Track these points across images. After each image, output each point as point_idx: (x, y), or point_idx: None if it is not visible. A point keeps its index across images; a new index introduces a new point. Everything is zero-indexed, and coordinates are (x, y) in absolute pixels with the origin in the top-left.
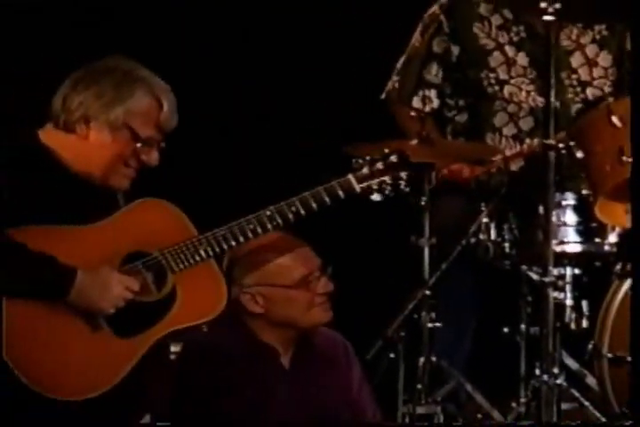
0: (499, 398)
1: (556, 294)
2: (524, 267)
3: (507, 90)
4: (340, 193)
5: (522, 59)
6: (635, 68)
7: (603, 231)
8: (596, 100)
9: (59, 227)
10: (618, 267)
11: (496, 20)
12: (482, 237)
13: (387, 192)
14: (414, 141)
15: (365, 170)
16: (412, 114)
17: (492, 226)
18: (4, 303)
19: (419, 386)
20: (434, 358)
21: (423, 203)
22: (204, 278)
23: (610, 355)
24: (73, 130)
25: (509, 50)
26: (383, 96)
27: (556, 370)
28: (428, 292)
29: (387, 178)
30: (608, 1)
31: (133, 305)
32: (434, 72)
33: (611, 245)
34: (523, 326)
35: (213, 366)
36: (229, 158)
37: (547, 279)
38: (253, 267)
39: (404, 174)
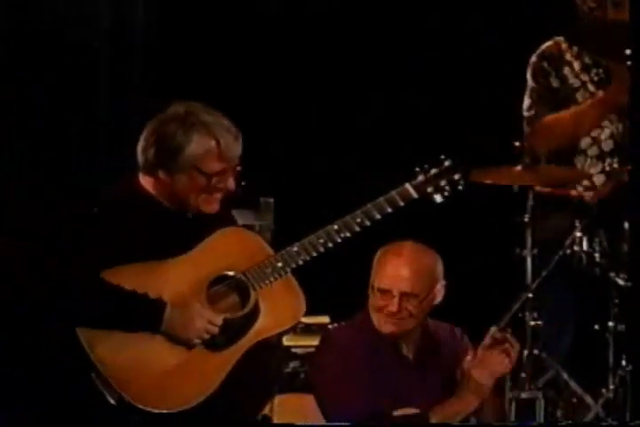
0: (591, 385)
1: None
2: (612, 274)
3: None
4: (400, 201)
5: (602, 94)
6: (635, 68)
7: None
8: None
9: (149, 263)
10: None
11: (578, 64)
12: (576, 248)
13: (446, 193)
14: (519, 167)
15: (421, 177)
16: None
17: (585, 239)
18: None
19: (523, 375)
20: (536, 351)
21: (526, 220)
22: (283, 291)
23: None
24: (156, 175)
25: (591, 87)
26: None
27: None
28: (530, 295)
29: (442, 181)
30: None
31: (222, 322)
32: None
33: None
34: (611, 324)
35: (339, 356)
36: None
37: (631, 284)
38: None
39: (457, 176)
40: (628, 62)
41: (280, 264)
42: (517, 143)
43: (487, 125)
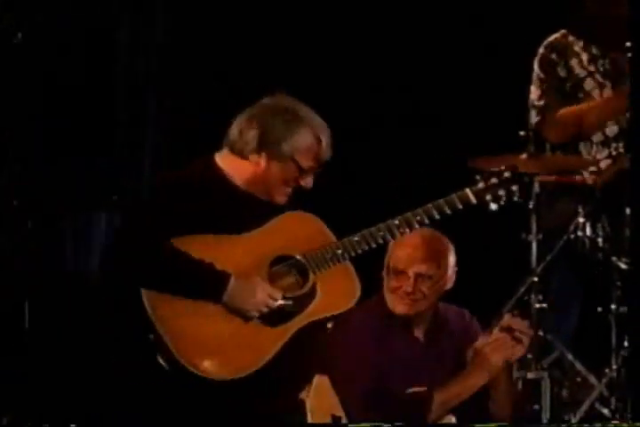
0: (595, 365)
1: None
2: (615, 258)
3: None
4: (459, 204)
5: (609, 84)
6: (634, 68)
7: None
8: None
9: (217, 235)
10: None
11: (585, 55)
12: (580, 233)
13: (502, 202)
14: (524, 156)
15: (481, 184)
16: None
17: (588, 224)
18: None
19: (529, 355)
20: (541, 333)
21: (530, 206)
22: (339, 277)
23: None
24: (246, 157)
25: (598, 77)
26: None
27: None
28: (535, 278)
29: (500, 191)
30: None
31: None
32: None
33: None
34: (614, 306)
35: (352, 336)
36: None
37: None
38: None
39: (515, 187)
40: (629, 54)
41: (340, 251)
42: (522, 132)
43: (493, 115)
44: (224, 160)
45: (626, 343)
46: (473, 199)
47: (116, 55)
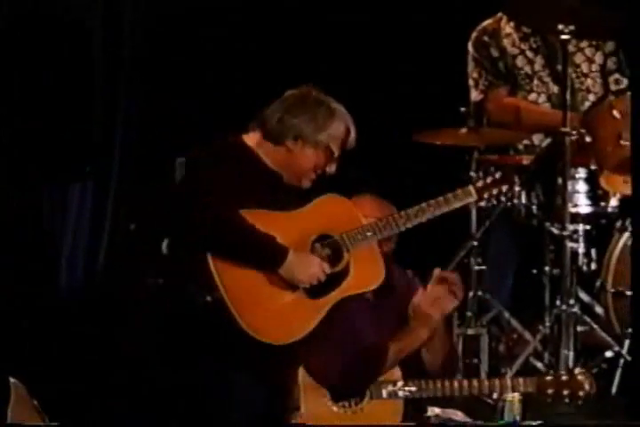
0: (530, 322)
1: (571, 244)
2: (548, 224)
3: (529, 82)
4: (463, 200)
5: (539, 59)
6: (633, 70)
7: (606, 197)
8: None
9: (267, 211)
10: (618, 223)
11: (517, 34)
12: (516, 201)
13: (493, 201)
14: (464, 130)
15: (481, 183)
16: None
17: (524, 193)
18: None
19: (469, 313)
20: (480, 293)
21: (471, 175)
22: (368, 257)
23: (613, 290)
24: (282, 143)
25: (529, 53)
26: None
27: (572, 301)
28: (475, 243)
29: (495, 190)
30: (606, 25)
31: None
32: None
33: (612, 207)
34: (547, 269)
35: None
36: None
37: (564, 233)
38: None
39: (505, 188)
40: (563, 36)
41: (369, 234)
42: (463, 109)
43: (435, 93)
44: (257, 144)
45: (558, 302)
46: (474, 195)
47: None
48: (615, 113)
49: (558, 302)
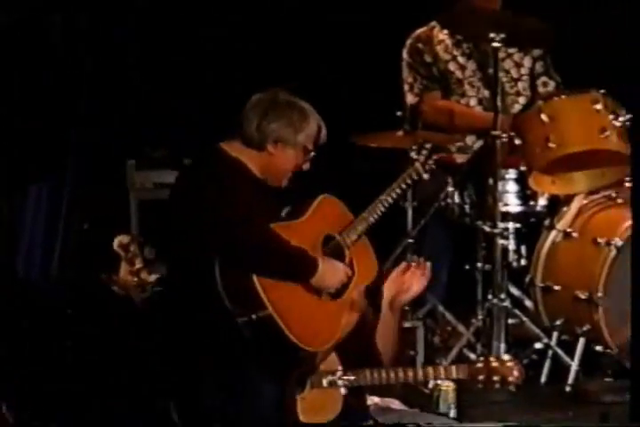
0: (463, 315)
1: (502, 241)
2: (480, 222)
3: (461, 87)
4: (415, 176)
5: (471, 65)
6: (633, 71)
7: (535, 196)
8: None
9: (283, 223)
10: (546, 222)
11: (450, 41)
12: (449, 201)
13: (430, 172)
14: (400, 132)
15: (421, 157)
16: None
17: (457, 193)
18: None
19: (406, 307)
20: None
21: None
22: (363, 251)
23: (541, 284)
24: (263, 148)
25: (461, 59)
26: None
27: (503, 296)
28: (410, 240)
29: (431, 162)
30: (533, 34)
31: None
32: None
33: (541, 206)
34: (479, 264)
35: None
36: None
37: (496, 231)
38: None
39: (436, 157)
40: (494, 44)
41: (360, 228)
42: (399, 112)
43: (372, 97)
44: (239, 153)
45: (490, 297)
46: (422, 170)
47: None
48: (543, 117)
49: (490, 297)
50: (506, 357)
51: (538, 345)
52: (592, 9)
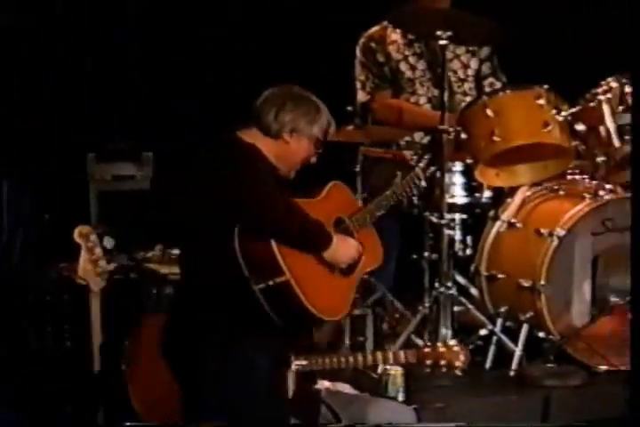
0: (411, 303)
1: (448, 231)
2: (427, 213)
3: (412, 85)
4: (417, 181)
5: (422, 64)
6: (634, 72)
7: (481, 188)
8: (472, 93)
9: (301, 200)
10: (491, 213)
11: (402, 41)
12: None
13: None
14: (351, 127)
15: (422, 164)
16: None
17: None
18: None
19: (356, 295)
20: (365, 276)
21: (357, 169)
22: (370, 236)
23: (486, 273)
24: (280, 137)
25: (411, 59)
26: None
27: (449, 284)
28: None
29: (430, 171)
30: (480, 31)
31: None
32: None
33: (486, 197)
34: (426, 254)
35: None
36: None
37: (442, 221)
38: None
39: (434, 168)
40: (441, 42)
41: (369, 216)
42: (350, 108)
43: (325, 93)
44: (255, 140)
45: (436, 285)
46: (422, 177)
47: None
48: (488, 112)
49: (437, 285)
50: (452, 342)
51: (483, 332)
52: (540, 7)
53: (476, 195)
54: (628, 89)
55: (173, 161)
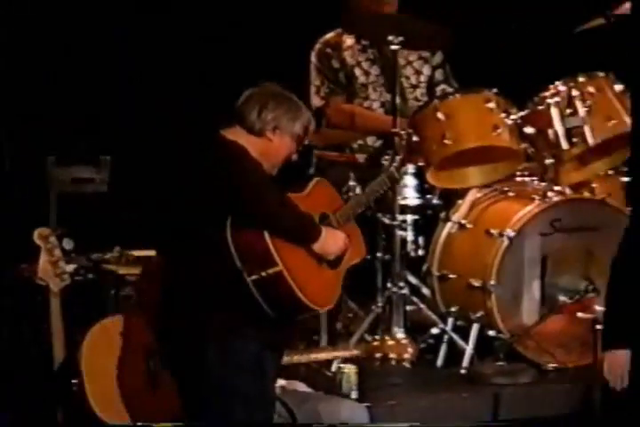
0: (364, 303)
1: (401, 232)
2: (380, 214)
3: (365, 91)
4: (397, 176)
5: (375, 70)
6: (634, 71)
7: (432, 190)
8: (424, 99)
9: (290, 194)
10: (442, 214)
11: (356, 47)
12: (351, 194)
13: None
14: None
15: (395, 163)
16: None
17: (358, 187)
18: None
19: None
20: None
21: (311, 172)
22: (353, 232)
23: (438, 273)
24: (263, 134)
25: (365, 65)
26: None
27: (402, 284)
28: None
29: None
30: (432, 36)
31: None
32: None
33: (438, 199)
34: (379, 254)
35: None
36: None
37: (395, 222)
38: None
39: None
40: (393, 47)
41: (350, 212)
42: None
43: None
44: (238, 138)
45: (389, 285)
46: (397, 175)
47: None
48: (439, 115)
49: (389, 285)
50: (400, 335)
51: (434, 330)
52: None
53: (428, 196)
54: (575, 92)
55: (141, 163)
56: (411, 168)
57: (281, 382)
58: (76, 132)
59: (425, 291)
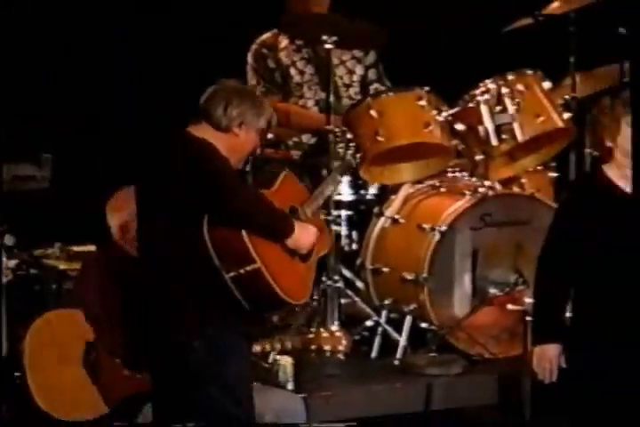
0: None
1: (335, 227)
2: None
3: (300, 89)
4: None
5: (310, 69)
6: (634, 71)
7: (366, 186)
8: (357, 97)
9: (264, 190)
10: (376, 209)
11: (291, 47)
12: None
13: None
14: None
15: (351, 151)
16: None
17: None
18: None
19: None
20: None
21: (247, 169)
22: (319, 224)
23: (371, 267)
24: (230, 130)
25: (299, 64)
26: None
27: (336, 277)
28: None
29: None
30: (365, 36)
31: None
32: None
33: (371, 195)
34: None
35: None
36: None
37: (329, 217)
38: None
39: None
40: (326, 46)
41: (315, 204)
42: None
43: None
44: (205, 134)
45: (324, 278)
46: (354, 163)
47: None
48: (372, 112)
49: (324, 278)
50: (334, 328)
51: (369, 323)
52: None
53: (362, 192)
54: (504, 90)
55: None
56: None
57: None
58: (17, 129)
59: (359, 284)
